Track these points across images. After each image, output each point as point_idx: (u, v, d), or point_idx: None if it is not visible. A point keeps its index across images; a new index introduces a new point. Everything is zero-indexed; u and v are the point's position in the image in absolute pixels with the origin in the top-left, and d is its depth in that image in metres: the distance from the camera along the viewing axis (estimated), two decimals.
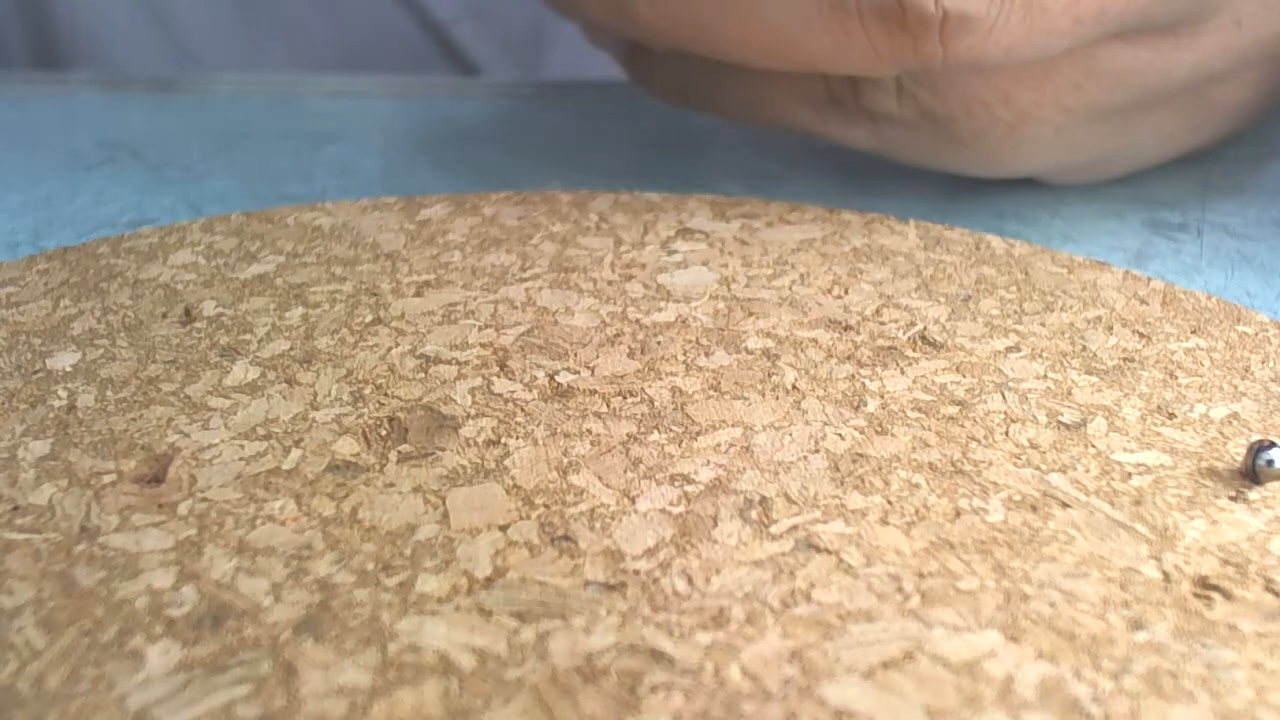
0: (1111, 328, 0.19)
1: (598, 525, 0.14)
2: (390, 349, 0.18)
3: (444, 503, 0.14)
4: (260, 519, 0.14)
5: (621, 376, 0.17)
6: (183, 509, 0.14)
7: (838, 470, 0.15)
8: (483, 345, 0.18)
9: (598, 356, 0.18)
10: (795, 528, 0.14)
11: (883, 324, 0.19)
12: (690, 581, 0.13)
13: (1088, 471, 0.15)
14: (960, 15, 0.19)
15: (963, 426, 0.16)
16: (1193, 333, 0.18)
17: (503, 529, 0.14)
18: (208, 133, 0.32)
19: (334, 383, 0.17)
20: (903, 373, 0.17)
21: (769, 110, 0.24)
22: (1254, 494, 0.14)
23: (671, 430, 0.16)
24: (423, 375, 0.17)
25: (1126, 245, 0.23)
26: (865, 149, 0.24)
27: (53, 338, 0.19)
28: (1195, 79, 0.22)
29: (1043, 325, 0.19)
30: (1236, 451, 0.15)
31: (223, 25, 0.44)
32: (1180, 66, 0.22)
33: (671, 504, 0.14)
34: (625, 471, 0.15)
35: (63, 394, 0.17)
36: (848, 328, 0.19)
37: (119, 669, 0.12)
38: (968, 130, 0.23)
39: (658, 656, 0.12)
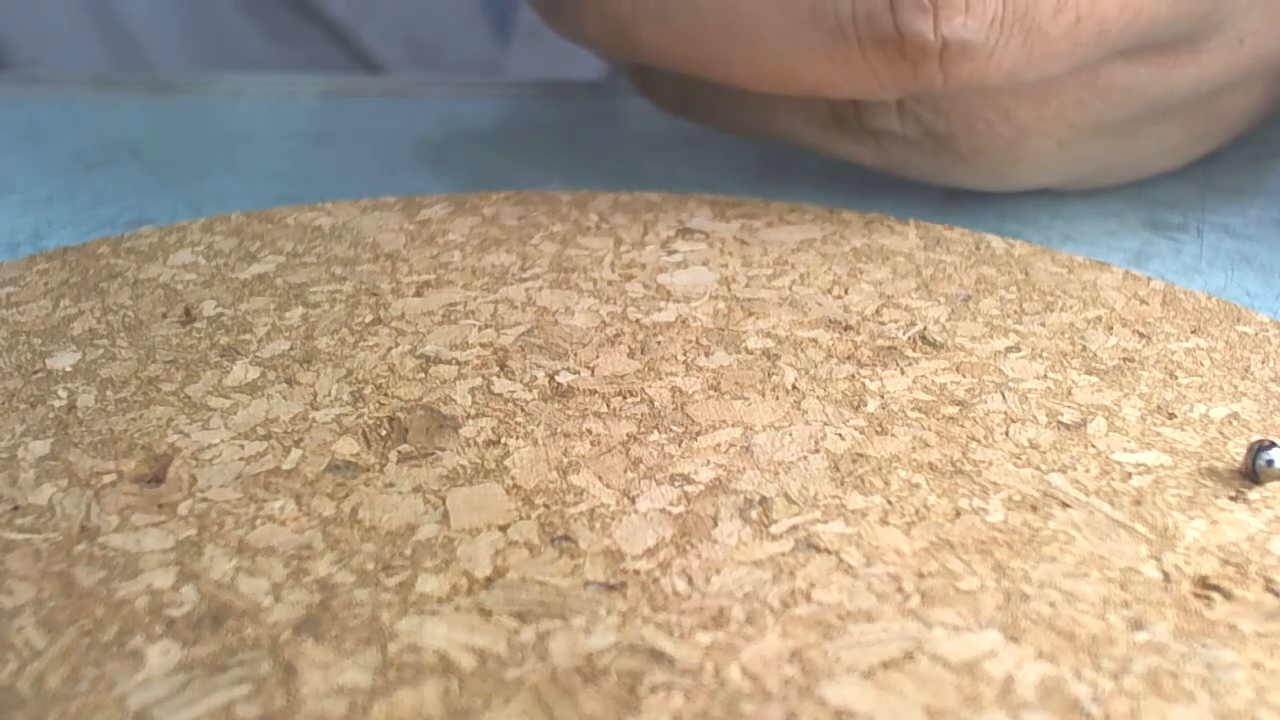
0: (1111, 328, 0.19)
1: (598, 525, 0.14)
2: (390, 349, 0.18)
3: (444, 503, 0.14)
4: (260, 519, 0.14)
5: (621, 376, 0.17)
6: (183, 509, 0.14)
7: (838, 470, 0.15)
8: (483, 345, 0.18)
9: (598, 356, 0.18)
10: (795, 528, 0.14)
11: (883, 324, 0.19)
12: (690, 581, 0.13)
13: (1088, 471, 0.15)
14: (959, 42, 0.19)
15: (963, 426, 0.16)
16: (1193, 333, 0.18)
17: (503, 529, 0.14)
18: (208, 133, 0.32)
19: (334, 383, 0.17)
20: (903, 373, 0.17)
21: (772, 127, 0.25)
22: (1254, 494, 0.14)
23: (671, 430, 0.16)
24: (423, 375, 0.17)
25: (1126, 245, 0.23)
26: (869, 165, 0.24)
27: (53, 338, 0.19)
28: (1198, 93, 0.22)
29: (1043, 325, 0.19)
30: (1236, 451, 0.15)
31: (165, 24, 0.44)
32: (1183, 82, 0.22)
33: (671, 504, 0.14)
34: (625, 471, 0.15)
35: (63, 394, 0.17)
36: (848, 328, 0.19)
37: (119, 669, 0.12)
38: (970, 146, 0.23)
39: (658, 656, 0.12)
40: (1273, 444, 0.14)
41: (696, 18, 0.21)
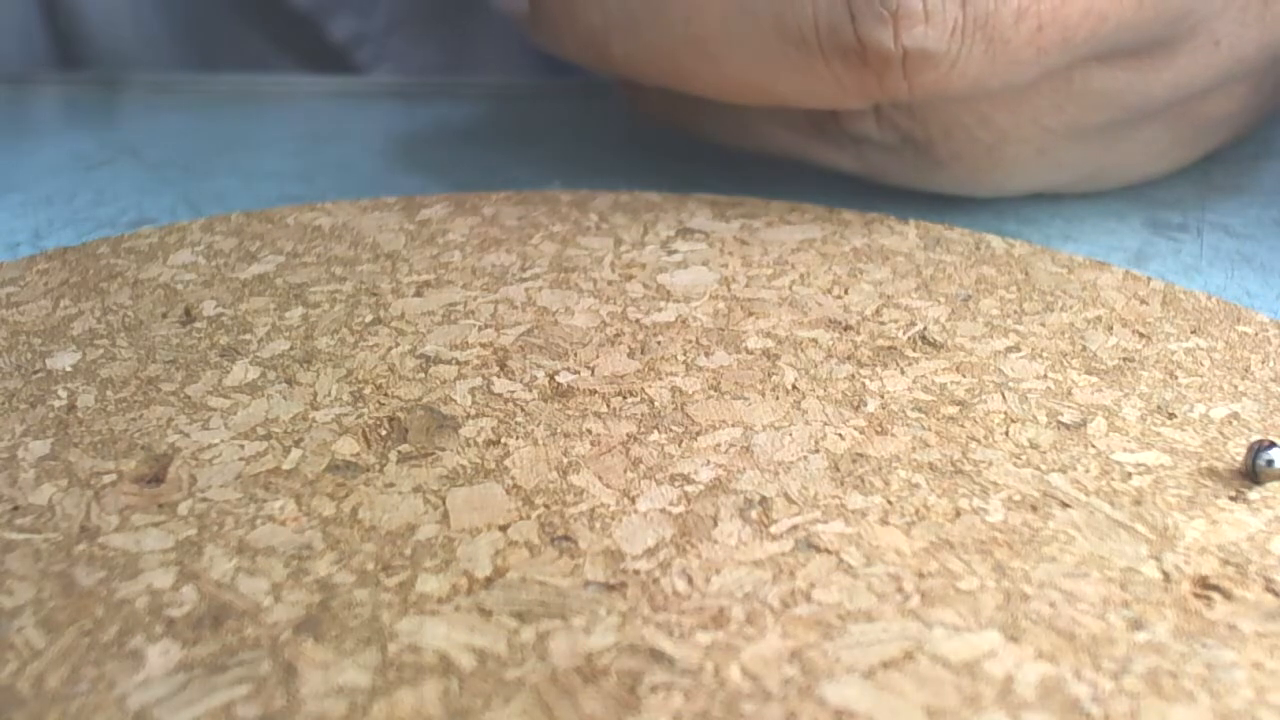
0: (1111, 328, 0.19)
1: (598, 525, 0.14)
2: (390, 349, 0.18)
3: (444, 503, 0.14)
4: (260, 519, 0.14)
5: (621, 376, 0.17)
6: (183, 509, 0.14)
7: (838, 470, 0.15)
8: (483, 345, 0.18)
9: (598, 356, 0.18)
10: (795, 528, 0.14)
11: (883, 324, 0.19)
12: (690, 581, 0.13)
13: (1088, 471, 0.15)
14: (920, 51, 0.19)
15: (963, 426, 0.16)
16: (1193, 333, 0.18)
17: (503, 529, 0.14)
18: (208, 133, 0.32)
19: (334, 383, 0.17)
20: (903, 373, 0.17)
21: (754, 137, 0.25)
22: (1254, 494, 0.14)
23: (671, 430, 0.16)
24: (423, 375, 0.17)
25: (1126, 245, 0.23)
26: (850, 172, 0.24)
27: (53, 338, 0.19)
28: (1177, 97, 0.22)
29: (1043, 325, 0.19)
30: (1236, 451, 0.15)
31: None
32: (1160, 85, 0.22)
33: (671, 504, 0.14)
34: (625, 471, 0.15)
35: (63, 394, 0.17)
36: (848, 328, 0.19)
37: (119, 669, 0.12)
38: (948, 152, 0.23)
39: (658, 656, 0.12)
40: (1273, 444, 0.14)
41: (665, 31, 0.21)
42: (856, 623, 0.12)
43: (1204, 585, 0.13)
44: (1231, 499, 0.14)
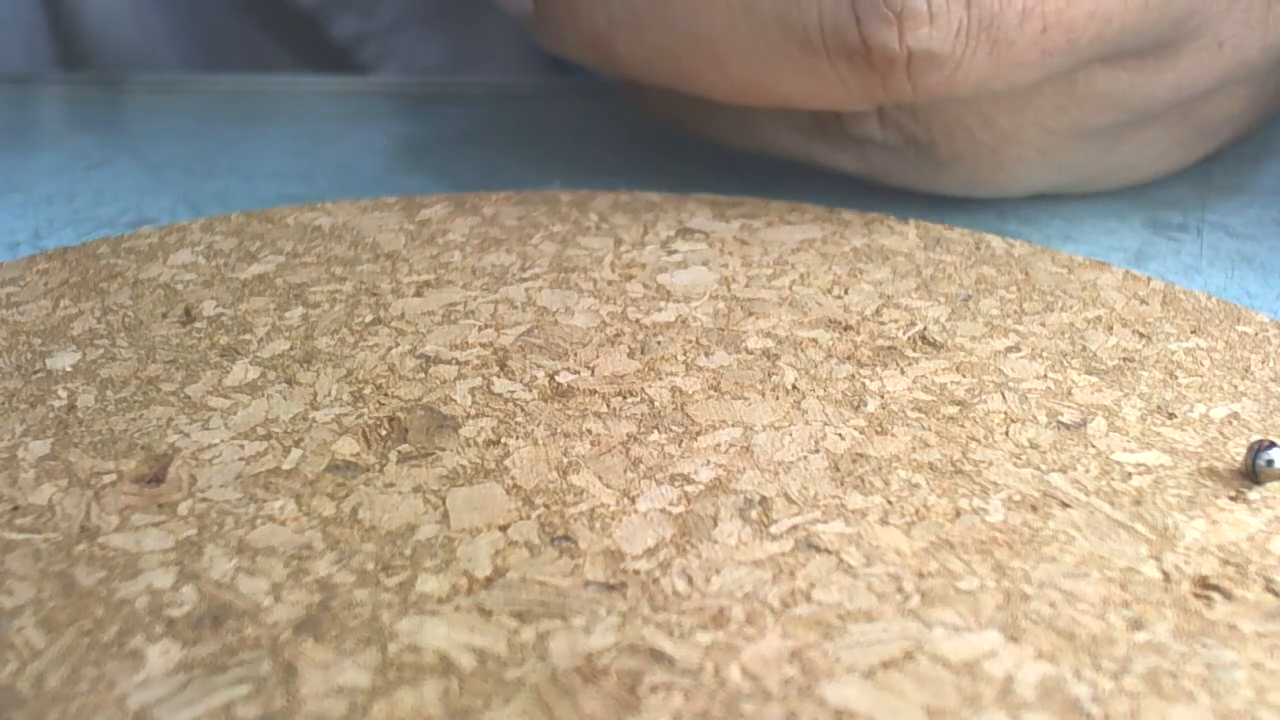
0: (1111, 328, 0.19)
1: (598, 525, 0.14)
2: (390, 349, 0.18)
3: (444, 503, 0.14)
4: (260, 519, 0.14)
5: (621, 376, 0.17)
6: (183, 509, 0.14)
7: (838, 470, 0.15)
8: (483, 345, 0.18)
9: (598, 356, 0.18)
10: (795, 528, 0.14)
11: (883, 324, 0.19)
12: (690, 581, 0.13)
13: (1088, 471, 0.15)
14: (925, 53, 0.19)
15: (963, 426, 0.16)
16: (1193, 333, 0.18)
17: (503, 529, 0.14)
18: (208, 133, 0.32)
19: (334, 383, 0.17)
20: (903, 373, 0.17)
21: (757, 137, 0.25)
22: (1254, 494, 0.14)
23: (671, 430, 0.16)
24: (423, 375, 0.17)
25: (1126, 245, 0.23)
26: (853, 173, 0.24)
27: (53, 338, 0.19)
28: (1180, 98, 0.22)
29: (1043, 325, 0.19)
30: (1236, 451, 0.15)
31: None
32: (1163, 87, 0.22)
33: (671, 504, 0.14)
34: (625, 471, 0.15)
35: (63, 394, 0.17)
36: (848, 328, 0.19)
37: (119, 669, 0.12)
38: (950, 153, 0.23)
39: (658, 656, 0.12)
40: (1273, 444, 0.14)
41: (669, 31, 0.21)
42: (856, 623, 0.12)
43: (1204, 585, 0.13)
44: (1231, 499, 0.14)
